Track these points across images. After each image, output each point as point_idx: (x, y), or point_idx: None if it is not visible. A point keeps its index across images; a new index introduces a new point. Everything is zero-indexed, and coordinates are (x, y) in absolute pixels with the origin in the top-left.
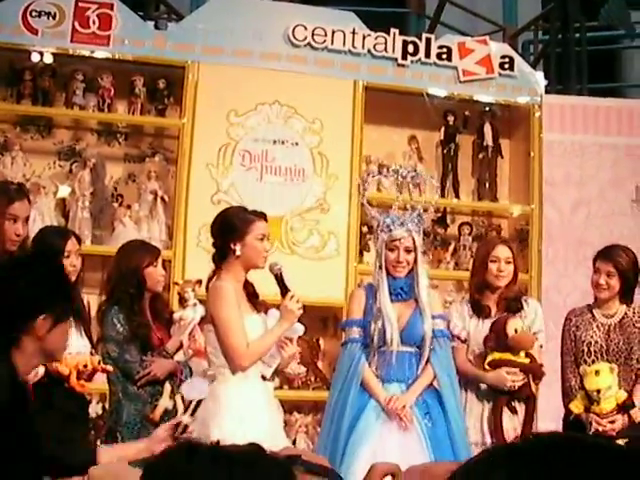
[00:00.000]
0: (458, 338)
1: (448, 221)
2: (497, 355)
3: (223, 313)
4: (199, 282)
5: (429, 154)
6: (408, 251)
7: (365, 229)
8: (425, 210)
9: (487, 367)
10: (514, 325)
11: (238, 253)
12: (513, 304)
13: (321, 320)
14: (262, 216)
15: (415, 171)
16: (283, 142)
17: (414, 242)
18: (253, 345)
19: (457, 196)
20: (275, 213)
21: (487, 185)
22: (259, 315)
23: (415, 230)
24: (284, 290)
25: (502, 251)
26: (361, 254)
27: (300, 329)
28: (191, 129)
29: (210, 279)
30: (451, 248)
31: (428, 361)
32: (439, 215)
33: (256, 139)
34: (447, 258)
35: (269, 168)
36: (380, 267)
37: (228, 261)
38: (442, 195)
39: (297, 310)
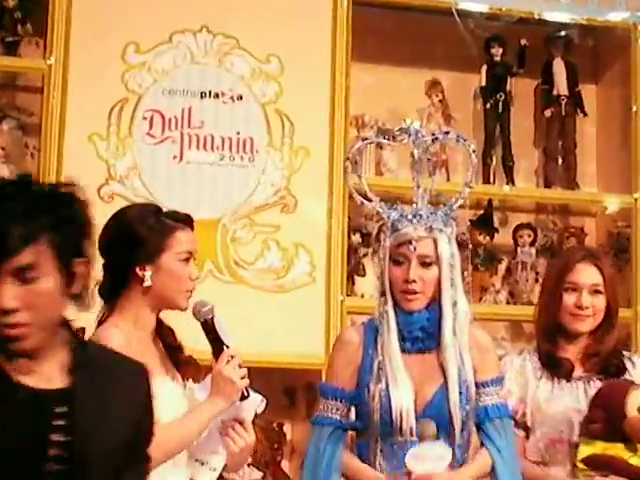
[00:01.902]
0: (513, 418)
1: (496, 222)
2: (601, 446)
3: None
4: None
5: (462, 111)
6: (426, 263)
7: (357, 238)
8: (457, 204)
9: (580, 465)
10: (637, 400)
11: (147, 283)
12: (611, 364)
13: (286, 393)
14: (187, 222)
15: (446, 134)
16: (217, 95)
17: (436, 248)
18: (163, 432)
19: (511, 181)
20: (206, 215)
21: (560, 162)
22: (178, 383)
23: (439, 229)
24: (218, 347)
25: (585, 273)
26: (351, 280)
27: (257, 401)
28: (63, 76)
29: (98, 324)
30: (502, 268)
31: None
32: (481, 213)
33: (172, 91)
34: (495, 284)
35: (194, 139)
36: (383, 294)
37: (128, 296)
38: (486, 180)
39: (238, 379)
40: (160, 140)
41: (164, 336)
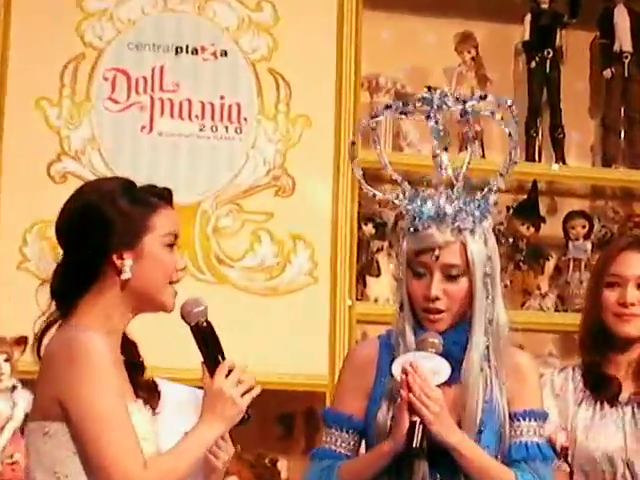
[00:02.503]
0: (554, 450)
1: (542, 210)
2: None
3: (96, 398)
4: (20, 342)
5: (500, 71)
6: (452, 276)
7: (369, 229)
8: (493, 189)
9: None
10: None
11: (127, 274)
12: None
13: (281, 421)
14: (168, 198)
15: (482, 98)
16: (196, 51)
17: (466, 255)
18: (159, 464)
19: (560, 158)
20: (182, 200)
21: (623, 135)
22: (143, 405)
23: (470, 229)
24: (213, 357)
25: (630, 262)
26: (362, 281)
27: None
28: (3, 26)
29: (43, 331)
30: (549, 266)
31: None
32: (524, 198)
33: (139, 45)
34: (542, 287)
35: (168, 106)
36: (401, 307)
37: (99, 292)
38: (530, 157)
39: (239, 398)
40: (125, 106)
41: (126, 350)
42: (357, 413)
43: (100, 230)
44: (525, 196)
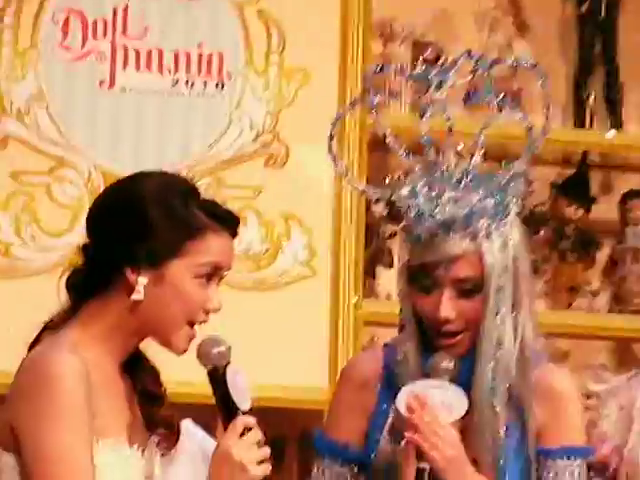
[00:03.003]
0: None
1: (594, 188)
2: None
3: (50, 434)
4: None
5: (543, 16)
6: (467, 291)
7: (379, 208)
8: (516, 175)
9: None
10: None
11: (138, 295)
12: None
13: (272, 445)
14: (227, 223)
15: (494, 63)
16: None
17: (483, 267)
18: None
19: (617, 124)
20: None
21: None
22: (137, 453)
23: (488, 233)
24: (227, 410)
25: None
26: (371, 272)
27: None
28: None
29: (35, 342)
30: (602, 257)
31: None
32: (571, 173)
33: None
34: (592, 282)
35: (133, 55)
36: (402, 328)
37: (105, 302)
38: (580, 123)
39: (254, 465)
40: (80, 56)
41: (139, 376)
42: (355, 441)
43: (126, 230)
44: (573, 170)
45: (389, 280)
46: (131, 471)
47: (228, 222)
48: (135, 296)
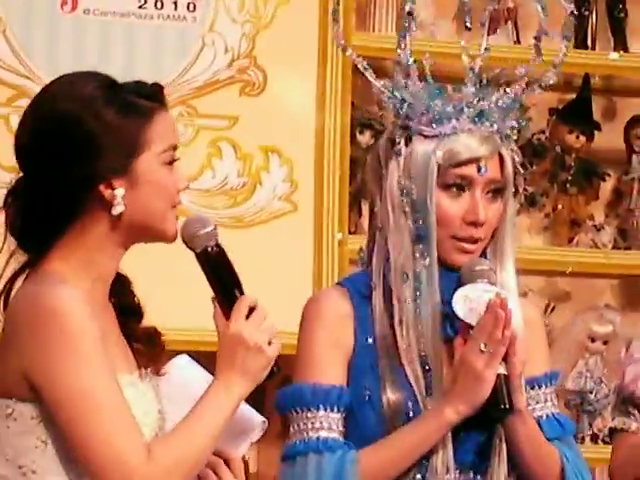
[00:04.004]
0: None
1: (597, 114)
2: None
3: (74, 372)
4: None
5: None
6: (495, 193)
7: (365, 138)
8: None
9: None
10: None
11: (119, 208)
12: None
13: (250, 397)
14: (161, 98)
15: None
16: None
17: (502, 168)
18: (167, 451)
19: (621, 45)
20: None
21: None
22: (141, 378)
23: (505, 133)
24: (227, 292)
25: None
26: (356, 208)
27: (256, 425)
28: None
29: (10, 283)
30: (606, 189)
31: None
32: (572, 98)
33: None
34: (596, 216)
35: None
36: (422, 239)
37: (80, 231)
38: (581, 43)
39: (266, 345)
40: None
41: (114, 291)
42: (343, 385)
43: (81, 154)
44: (574, 95)
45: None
46: (148, 406)
47: (161, 96)
48: (117, 209)
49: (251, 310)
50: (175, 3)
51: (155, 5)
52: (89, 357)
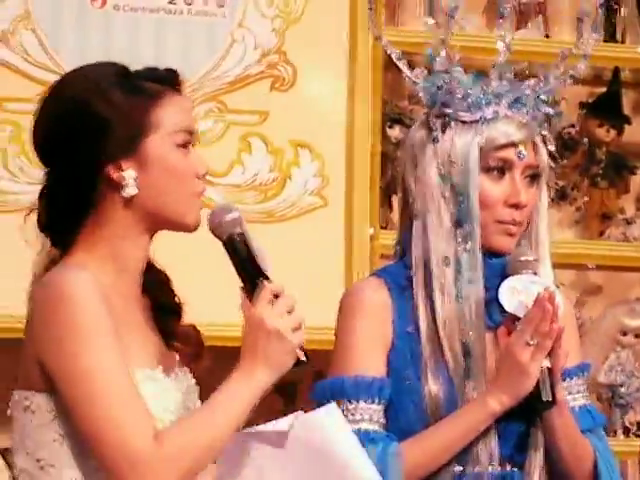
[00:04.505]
0: None
1: (627, 108)
2: None
3: (82, 353)
4: None
5: None
6: (533, 178)
7: (396, 132)
8: (570, 77)
9: None
10: None
11: (131, 189)
12: None
13: (281, 392)
14: (174, 82)
15: None
16: None
17: (537, 152)
18: (176, 436)
19: None
20: None
21: None
22: (167, 374)
23: (540, 122)
24: (252, 279)
25: None
26: (387, 203)
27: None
28: None
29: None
30: (637, 182)
31: None
32: (602, 92)
33: None
34: (626, 210)
35: None
36: (463, 222)
37: (96, 220)
38: (611, 36)
39: (289, 332)
40: None
41: (151, 287)
42: (384, 376)
43: (88, 136)
44: (604, 89)
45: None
46: (170, 402)
47: (175, 81)
48: (129, 190)
49: (276, 296)
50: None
51: (185, 1)
52: (91, 338)
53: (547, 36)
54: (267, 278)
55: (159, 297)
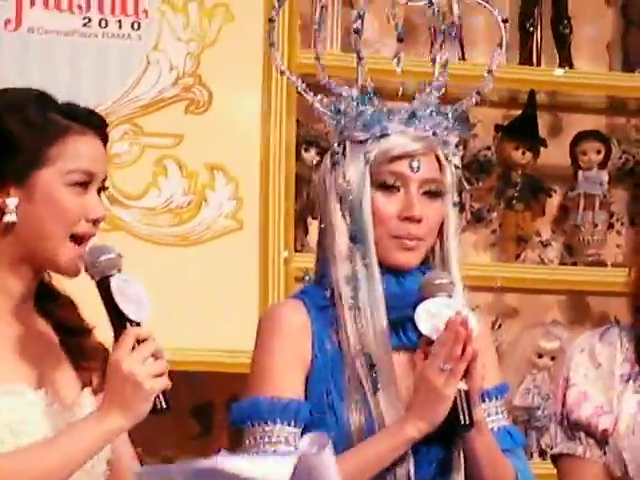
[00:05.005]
0: (590, 434)
1: (543, 130)
2: None
3: None
4: None
5: None
6: (432, 193)
7: (311, 155)
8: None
9: None
10: None
11: (10, 217)
12: None
13: (196, 414)
14: (90, 123)
15: None
16: None
17: (441, 168)
18: (5, 459)
19: (566, 61)
20: None
21: None
22: (39, 391)
23: (444, 140)
24: (118, 322)
25: None
26: (303, 225)
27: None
28: None
29: None
30: (553, 205)
31: None
32: (518, 115)
33: None
34: (542, 232)
35: None
36: (358, 239)
37: None
38: (526, 59)
39: (148, 378)
40: None
41: (52, 311)
42: (301, 398)
43: None
44: (519, 111)
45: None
46: (34, 416)
47: (92, 122)
48: (8, 218)
49: (141, 341)
50: (119, 22)
51: (99, 24)
52: None
53: (463, 59)
54: (132, 323)
55: (63, 320)
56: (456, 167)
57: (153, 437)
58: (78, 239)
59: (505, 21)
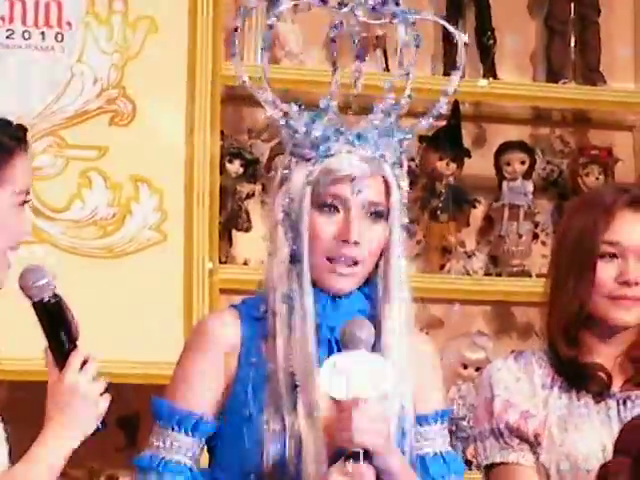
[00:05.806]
0: (522, 439)
1: (467, 141)
2: None
3: None
4: None
5: None
6: (375, 215)
7: (235, 167)
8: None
9: None
10: None
11: None
12: None
13: (122, 425)
14: (24, 141)
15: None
16: None
17: (388, 191)
18: None
19: (490, 72)
20: None
21: (573, 42)
22: None
23: (393, 161)
24: (61, 343)
25: (634, 227)
26: (227, 237)
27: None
28: None
29: None
30: (477, 215)
31: None
32: (442, 126)
33: None
34: (467, 243)
35: None
36: (296, 260)
37: None
38: (448, 70)
39: (93, 396)
40: None
41: None
42: (210, 412)
43: None
44: (443, 122)
45: (246, 245)
46: None
47: (25, 139)
48: None
49: (85, 362)
50: (43, 33)
51: (23, 35)
52: None
53: (387, 69)
54: (75, 344)
55: None
56: (402, 188)
57: (78, 449)
58: (12, 249)
59: (466, 44)
